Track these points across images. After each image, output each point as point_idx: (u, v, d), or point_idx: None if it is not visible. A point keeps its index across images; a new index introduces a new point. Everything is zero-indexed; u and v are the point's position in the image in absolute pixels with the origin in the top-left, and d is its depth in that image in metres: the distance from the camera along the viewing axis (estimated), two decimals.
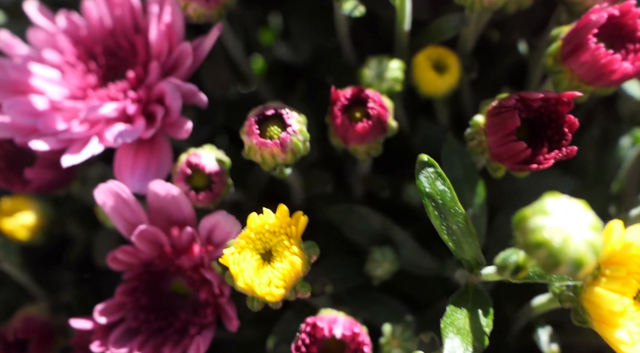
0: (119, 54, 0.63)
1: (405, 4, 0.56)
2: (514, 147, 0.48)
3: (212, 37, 0.56)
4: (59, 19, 0.64)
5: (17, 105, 0.56)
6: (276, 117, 0.50)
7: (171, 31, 0.58)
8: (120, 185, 0.53)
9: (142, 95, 0.58)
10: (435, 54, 0.60)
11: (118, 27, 0.63)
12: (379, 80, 0.58)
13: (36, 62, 0.61)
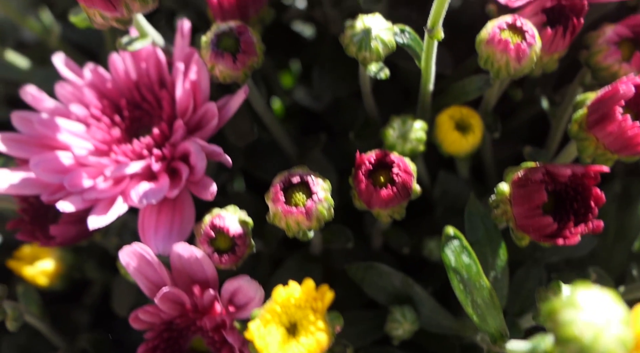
0: (143, 106, 0.64)
1: (431, 67, 0.57)
2: (540, 221, 0.47)
3: (239, 99, 0.56)
4: (86, 72, 0.64)
5: (43, 162, 0.57)
6: (302, 184, 0.50)
7: (197, 90, 0.58)
8: (145, 248, 0.53)
9: (167, 153, 0.58)
10: (458, 114, 0.61)
11: (143, 80, 0.63)
12: (403, 140, 0.58)
13: (62, 116, 0.62)
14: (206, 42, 0.55)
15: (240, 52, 0.55)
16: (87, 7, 0.51)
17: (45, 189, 0.57)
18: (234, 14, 0.61)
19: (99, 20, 0.53)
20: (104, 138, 0.62)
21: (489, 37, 0.52)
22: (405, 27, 0.56)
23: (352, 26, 0.54)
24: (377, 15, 0.54)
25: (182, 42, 0.62)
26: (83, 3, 0.51)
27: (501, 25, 0.52)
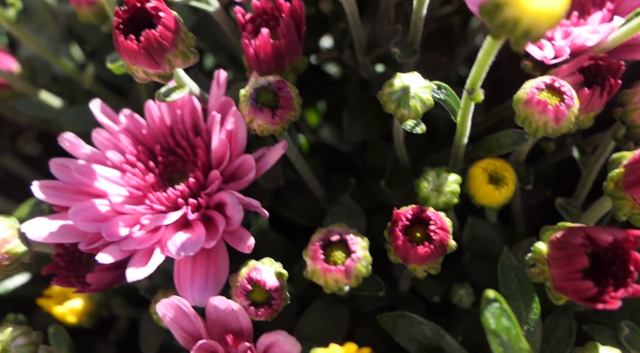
0: (177, 151, 0.64)
1: (467, 123, 0.57)
2: (580, 285, 0.48)
3: (277, 153, 0.57)
4: (121, 117, 0.65)
5: (82, 211, 0.57)
6: (341, 242, 0.51)
7: (233, 141, 0.59)
8: (182, 300, 0.53)
9: (202, 203, 0.59)
10: (492, 166, 0.61)
11: (177, 127, 0.64)
12: (437, 193, 0.59)
13: (99, 163, 0.62)
14: (245, 96, 0.56)
15: (279, 108, 0.55)
16: (131, 64, 0.52)
17: (83, 237, 0.57)
18: (269, 64, 0.62)
19: (141, 76, 0.54)
20: (139, 184, 0.63)
21: (527, 98, 0.53)
22: (442, 83, 0.56)
23: (390, 84, 0.54)
24: (416, 74, 0.54)
25: (218, 91, 0.62)
26: (127, 60, 0.52)
27: (539, 85, 0.53)
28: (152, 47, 0.50)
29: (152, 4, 0.51)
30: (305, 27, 0.63)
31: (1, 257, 0.57)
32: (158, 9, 0.51)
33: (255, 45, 0.61)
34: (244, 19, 0.62)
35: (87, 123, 0.80)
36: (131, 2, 0.51)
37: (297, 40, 0.62)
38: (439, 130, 0.81)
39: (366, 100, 0.78)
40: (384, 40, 0.67)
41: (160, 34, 0.50)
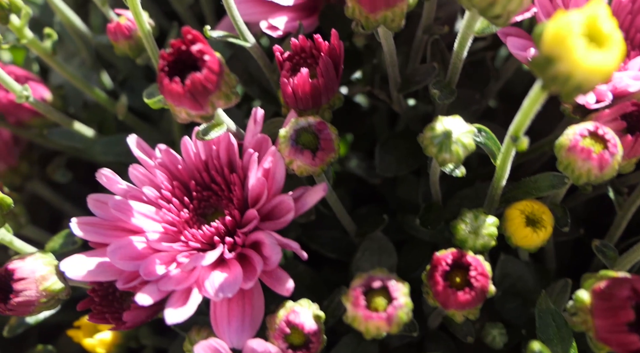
0: (211, 187, 0.64)
1: (507, 167, 0.57)
2: (625, 338, 0.47)
3: (316, 196, 0.57)
4: (157, 152, 0.65)
5: (119, 250, 0.58)
6: (382, 289, 0.51)
7: (271, 180, 0.59)
8: (221, 343, 0.53)
9: (239, 241, 0.59)
10: (529, 209, 0.60)
11: (212, 163, 0.64)
12: (475, 236, 0.58)
13: (135, 198, 0.62)
14: (285, 137, 0.56)
15: (319, 150, 0.55)
16: (175, 105, 0.52)
17: (120, 275, 0.57)
18: (307, 102, 0.62)
19: (183, 116, 0.54)
20: (174, 220, 0.63)
21: (570, 145, 0.53)
22: (482, 127, 0.56)
23: (432, 128, 0.54)
24: (458, 118, 0.54)
25: (255, 128, 0.63)
26: (171, 102, 0.52)
27: (583, 132, 0.53)
28: (197, 91, 0.51)
29: (197, 47, 0.51)
30: (342, 66, 0.63)
31: (39, 295, 0.57)
32: (203, 52, 0.51)
33: (294, 84, 0.61)
34: (282, 57, 0.63)
35: (118, 153, 0.81)
36: (177, 44, 0.51)
37: (334, 78, 0.62)
38: (470, 164, 0.81)
39: (397, 135, 0.78)
40: (419, 78, 0.67)
41: (205, 77, 0.50)
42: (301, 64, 0.63)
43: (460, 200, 0.74)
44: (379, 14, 0.52)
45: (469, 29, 0.55)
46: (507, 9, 0.48)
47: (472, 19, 0.53)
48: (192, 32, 0.51)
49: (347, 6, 0.54)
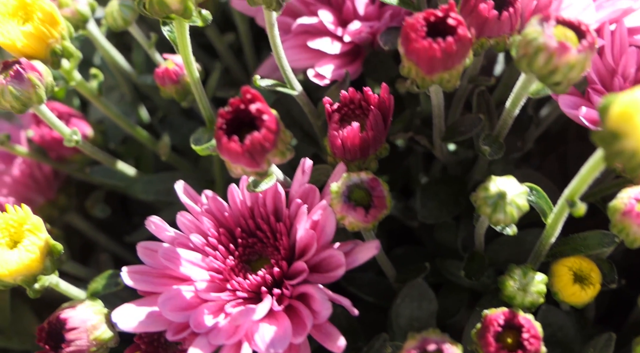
0: (257, 234, 0.65)
1: (558, 226, 0.57)
2: None
3: (369, 253, 0.57)
4: (203, 198, 0.66)
5: (169, 300, 0.58)
6: (437, 352, 0.51)
7: (320, 233, 0.59)
8: None
9: (287, 293, 0.59)
10: (577, 265, 0.60)
11: (258, 210, 0.65)
12: (523, 292, 0.58)
13: (182, 246, 0.63)
14: (337, 192, 0.56)
15: (372, 207, 0.55)
16: (231, 162, 0.53)
17: (169, 326, 0.58)
18: (355, 154, 0.63)
19: (238, 172, 0.54)
20: (220, 267, 0.63)
21: (625, 209, 0.53)
22: (534, 186, 0.57)
23: (485, 188, 0.54)
24: (511, 179, 0.54)
25: (302, 178, 0.63)
26: (228, 159, 0.53)
27: (637, 196, 0.53)
28: (255, 150, 0.51)
29: (256, 106, 0.51)
30: (391, 118, 0.63)
31: (90, 344, 0.57)
32: (262, 112, 0.51)
33: (343, 136, 0.61)
34: (331, 109, 0.63)
35: (158, 192, 0.81)
36: (235, 103, 0.52)
37: (383, 130, 0.63)
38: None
39: (438, 180, 0.78)
40: (465, 129, 0.67)
41: (263, 137, 0.51)
42: (350, 115, 0.64)
43: (500, 246, 0.74)
44: (436, 76, 0.53)
45: (523, 90, 0.55)
46: (568, 77, 0.48)
47: (528, 82, 0.53)
48: (251, 92, 0.52)
49: (403, 66, 0.54)
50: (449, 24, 0.51)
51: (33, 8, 0.63)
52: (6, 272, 0.57)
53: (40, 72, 0.62)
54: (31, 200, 0.86)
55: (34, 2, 0.63)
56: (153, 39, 0.75)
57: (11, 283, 0.59)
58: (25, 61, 0.61)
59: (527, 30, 0.48)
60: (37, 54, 0.64)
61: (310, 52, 0.72)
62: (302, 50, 0.72)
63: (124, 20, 0.72)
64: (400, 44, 0.53)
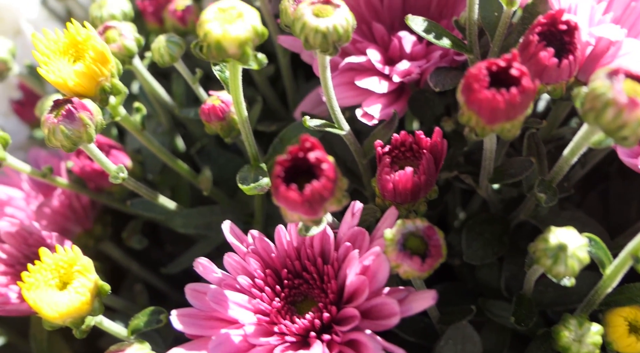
0: (303, 275, 0.64)
1: (617, 276, 0.56)
2: None
3: (425, 303, 0.56)
4: (249, 238, 0.65)
5: (219, 346, 0.57)
6: None
7: (372, 280, 0.58)
8: None
9: (337, 340, 0.58)
10: (632, 316, 0.59)
11: (305, 251, 0.64)
12: (579, 344, 0.57)
13: (230, 288, 0.62)
14: (392, 240, 0.55)
15: (429, 256, 0.55)
16: (288, 210, 0.52)
17: None
18: (405, 198, 0.62)
19: (294, 219, 0.54)
20: (266, 309, 0.62)
21: None
22: (593, 236, 0.56)
23: (544, 239, 0.54)
24: (572, 230, 0.53)
25: (352, 221, 0.62)
26: (285, 207, 0.52)
27: None
28: (314, 199, 0.50)
29: (315, 154, 0.51)
30: (443, 162, 0.63)
31: None
32: (321, 161, 0.51)
33: (395, 180, 0.61)
34: (382, 151, 0.62)
35: (197, 226, 0.81)
36: (294, 151, 0.51)
37: (434, 174, 0.62)
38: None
39: (482, 220, 0.77)
40: (514, 171, 0.66)
41: (323, 186, 0.50)
42: (400, 157, 0.63)
43: (545, 288, 0.73)
44: (497, 126, 0.52)
45: (585, 141, 0.54)
46: (637, 132, 0.47)
47: (591, 133, 0.53)
48: (310, 140, 0.51)
49: (462, 114, 0.54)
50: (511, 74, 0.51)
51: (84, 46, 0.63)
52: (56, 315, 0.56)
53: (91, 111, 0.62)
54: (68, 230, 0.86)
55: (86, 41, 0.63)
56: (198, 75, 0.75)
57: (60, 324, 0.58)
58: (77, 101, 0.61)
59: (595, 84, 0.48)
60: (87, 92, 0.64)
61: (357, 90, 0.72)
62: (348, 87, 0.72)
63: (170, 56, 0.72)
64: (461, 92, 0.53)
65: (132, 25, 0.73)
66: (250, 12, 0.54)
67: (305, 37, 0.56)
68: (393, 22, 0.79)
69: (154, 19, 0.89)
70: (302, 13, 0.56)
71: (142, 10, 0.89)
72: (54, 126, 0.61)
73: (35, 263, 0.58)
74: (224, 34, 0.53)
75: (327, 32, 0.55)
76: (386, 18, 0.79)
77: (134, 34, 0.73)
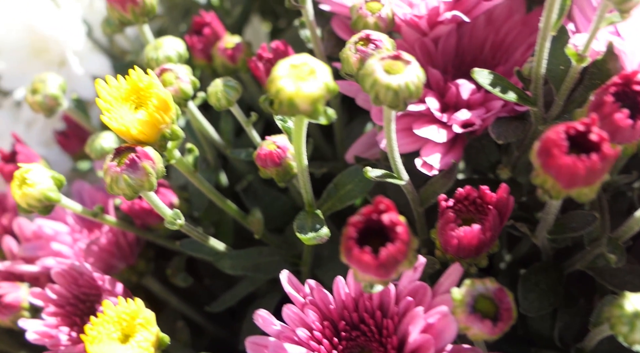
0: (361, 327, 0.63)
1: None
2: None
3: None
4: (306, 289, 0.64)
5: None
6: None
7: (437, 338, 0.58)
8: None
9: None
10: None
11: (364, 303, 0.63)
12: None
13: (288, 340, 0.62)
14: (461, 301, 0.55)
15: (500, 320, 0.54)
16: (360, 272, 0.52)
17: None
18: (469, 253, 0.61)
19: (365, 280, 0.53)
20: None
21: None
22: None
23: (619, 306, 0.52)
24: None
25: (414, 275, 0.62)
26: (356, 268, 0.51)
27: None
28: (389, 263, 0.50)
29: (389, 216, 0.50)
30: (508, 217, 0.62)
31: None
32: (395, 223, 0.50)
33: (460, 236, 0.60)
34: (445, 205, 0.62)
35: (245, 267, 0.80)
36: (368, 212, 0.51)
37: (499, 229, 0.61)
38: None
39: (537, 270, 0.76)
40: (576, 226, 0.65)
41: (397, 249, 0.50)
42: (463, 211, 0.62)
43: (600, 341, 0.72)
44: (574, 190, 0.51)
45: None
46: None
47: None
48: (384, 202, 0.51)
49: (537, 175, 0.53)
50: (591, 139, 0.50)
51: (147, 93, 0.62)
52: None
53: (153, 160, 0.62)
54: (113, 267, 0.85)
55: (148, 88, 0.62)
56: (253, 118, 0.74)
57: None
58: (141, 150, 0.61)
59: None
60: (149, 139, 0.63)
61: (413, 137, 0.71)
62: (405, 134, 0.71)
63: (227, 101, 0.71)
64: (537, 155, 0.52)
65: (187, 67, 0.73)
66: (322, 69, 0.54)
67: (375, 94, 0.55)
68: (446, 66, 0.78)
69: (202, 56, 0.89)
70: (372, 69, 0.55)
71: (190, 47, 0.88)
72: (117, 175, 0.60)
73: (98, 315, 0.57)
74: (297, 92, 0.53)
75: (398, 89, 0.54)
76: (440, 61, 0.78)
77: (189, 77, 0.72)
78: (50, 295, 0.73)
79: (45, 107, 0.82)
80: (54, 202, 0.68)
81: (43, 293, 0.72)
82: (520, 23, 0.78)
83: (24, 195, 0.67)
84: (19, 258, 0.85)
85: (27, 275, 0.83)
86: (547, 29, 0.57)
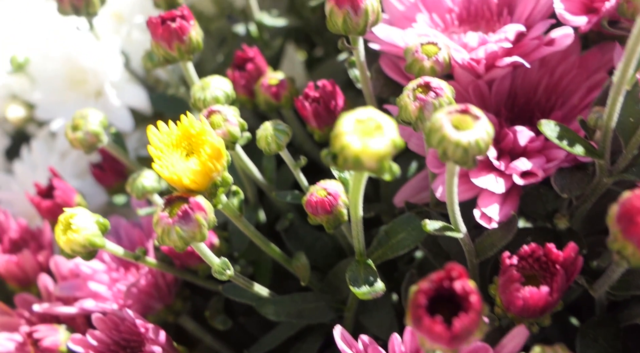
0: None
1: None
2: None
3: None
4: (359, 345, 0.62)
5: None
6: None
7: None
8: None
9: None
10: None
11: None
12: None
13: None
14: None
15: None
16: (427, 339, 0.49)
17: None
18: (534, 314, 0.59)
19: (432, 348, 0.50)
20: None
21: None
22: None
23: None
24: None
25: None
26: (426, 338, 0.49)
27: None
28: (462, 334, 0.47)
29: (462, 284, 0.48)
30: (575, 276, 0.59)
31: None
32: (468, 292, 0.48)
33: (525, 297, 0.57)
34: (509, 262, 0.59)
35: (289, 314, 0.78)
36: (438, 279, 0.48)
37: (566, 288, 0.59)
38: None
39: (595, 324, 0.73)
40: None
41: (471, 320, 0.47)
42: (526, 268, 0.60)
43: None
44: None
45: None
46: None
47: None
48: (457, 268, 0.48)
49: (615, 240, 0.50)
50: None
51: (199, 140, 0.61)
52: None
53: (206, 211, 0.60)
54: (151, 308, 0.83)
55: (200, 135, 0.61)
56: (302, 162, 0.72)
57: None
58: (193, 201, 0.59)
59: None
60: (200, 188, 0.61)
61: (468, 184, 0.69)
62: (463, 181, 0.69)
63: (277, 145, 0.69)
64: (617, 221, 0.49)
65: (235, 109, 0.71)
66: (389, 124, 0.51)
67: (444, 151, 0.53)
68: (499, 108, 0.76)
69: (245, 91, 0.87)
70: (440, 124, 0.53)
71: (232, 82, 0.87)
72: (169, 227, 0.58)
73: None
74: (363, 149, 0.50)
75: (468, 147, 0.52)
76: (493, 103, 0.76)
77: (237, 119, 0.70)
78: (91, 341, 0.71)
79: (86, 144, 0.81)
80: (98, 247, 0.67)
81: (84, 340, 0.70)
82: (575, 65, 0.75)
83: (69, 241, 0.65)
84: (54, 297, 0.83)
85: (63, 315, 0.81)
86: (622, 83, 0.55)
